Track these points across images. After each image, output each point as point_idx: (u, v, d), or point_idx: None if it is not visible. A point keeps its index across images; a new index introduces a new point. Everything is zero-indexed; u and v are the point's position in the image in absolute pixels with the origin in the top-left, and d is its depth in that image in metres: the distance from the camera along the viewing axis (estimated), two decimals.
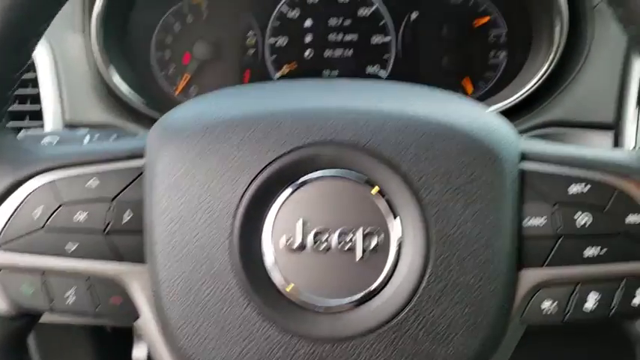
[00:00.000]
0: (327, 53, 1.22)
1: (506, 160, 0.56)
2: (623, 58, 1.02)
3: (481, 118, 0.59)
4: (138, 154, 0.60)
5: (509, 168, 0.56)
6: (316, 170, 0.55)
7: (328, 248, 0.55)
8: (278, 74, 1.22)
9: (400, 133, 0.55)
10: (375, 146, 0.55)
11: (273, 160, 0.55)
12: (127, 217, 0.59)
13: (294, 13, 1.20)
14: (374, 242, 0.55)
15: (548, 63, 1.05)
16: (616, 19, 0.55)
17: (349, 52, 1.22)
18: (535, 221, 0.56)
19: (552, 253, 0.56)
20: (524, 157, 0.58)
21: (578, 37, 1.04)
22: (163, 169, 0.56)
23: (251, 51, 1.21)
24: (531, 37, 1.14)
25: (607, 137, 1.01)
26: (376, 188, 0.55)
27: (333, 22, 1.20)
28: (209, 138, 0.56)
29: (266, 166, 0.55)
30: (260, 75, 1.21)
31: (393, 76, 1.21)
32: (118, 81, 1.08)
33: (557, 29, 1.03)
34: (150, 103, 1.10)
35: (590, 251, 0.56)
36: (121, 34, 1.15)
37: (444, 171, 0.54)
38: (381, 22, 1.20)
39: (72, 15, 1.08)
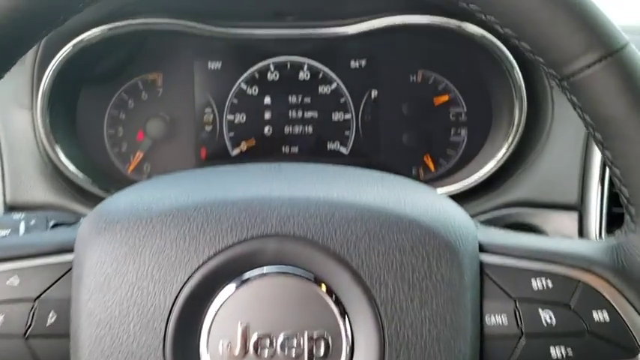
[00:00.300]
0: (287, 130, 1.19)
1: (465, 253, 0.52)
2: (585, 136, 1.00)
3: (436, 206, 0.55)
4: (67, 248, 0.55)
5: (468, 261, 0.52)
6: (259, 267, 0.50)
7: (272, 355, 0.49)
8: (236, 151, 1.19)
9: (350, 225, 0.51)
10: (322, 240, 0.50)
11: (211, 257, 0.50)
12: (50, 319, 0.53)
13: (253, 90, 1.18)
14: (323, 347, 0.49)
15: (508, 143, 1.03)
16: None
17: (309, 129, 1.19)
18: (497, 319, 0.52)
19: (516, 353, 0.52)
20: (482, 248, 0.54)
21: (538, 116, 1.03)
22: (93, 266, 0.51)
23: (208, 128, 1.18)
24: (490, 114, 1.13)
25: (571, 218, 0.98)
26: (324, 286, 0.50)
27: (292, 99, 1.18)
28: (143, 231, 0.51)
29: (203, 263, 0.50)
30: (217, 152, 1.18)
31: (354, 153, 1.18)
32: (64, 159, 1.02)
33: (516, 110, 1.02)
34: (98, 182, 1.05)
35: (556, 351, 0.51)
36: (70, 111, 1.11)
37: (398, 266, 0.50)
38: (342, 100, 1.18)
39: (19, 90, 1.04)
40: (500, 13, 0.50)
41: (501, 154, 1.04)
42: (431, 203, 0.55)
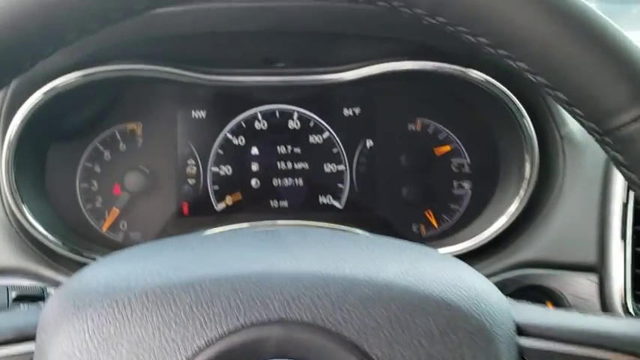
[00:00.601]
0: (276, 182, 1.10)
1: (501, 338, 0.44)
2: (601, 188, 0.92)
3: (465, 281, 0.46)
4: (28, 336, 0.45)
5: (506, 348, 0.44)
6: None
7: None
8: (221, 206, 1.09)
9: (367, 308, 0.42)
10: (335, 326, 0.41)
11: (202, 349, 0.40)
12: None
13: (239, 140, 1.09)
14: None
15: (519, 197, 0.95)
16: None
17: (300, 182, 1.10)
18: None
19: None
20: (520, 330, 0.46)
21: (549, 168, 0.95)
22: (57, 357, 0.41)
23: (191, 181, 1.09)
24: (497, 166, 1.05)
25: (591, 280, 0.89)
26: None
27: (282, 149, 1.10)
28: (119, 317, 0.41)
29: (192, 357, 0.40)
30: (200, 207, 1.08)
31: (349, 208, 1.10)
32: (31, 219, 0.92)
33: (527, 162, 0.94)
34: (69, 244, 0.95)
35: None
36: (39, 164, 1.02)
37: (426, 356, 0.41)
38: (334, 150, 1.10)
39: None
40: (533, 59, 0.42)
41: (512, 209, 0.95)
42: (459, 278, 0.46)
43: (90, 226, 1.06)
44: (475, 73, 0.94)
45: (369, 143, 1.10)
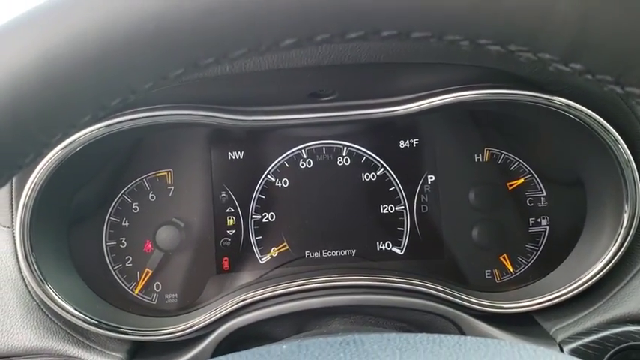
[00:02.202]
0: (325, 228, 0.97)
1: None
2: None
3: None
4: None
5: None
6: None
7: None
8: (265, 258, 0.97)
9: None
10: None
11: None
12: None
13: (282, 183, 0.96)
14: None
15: (618, 241, 0.81)
16: None
17: (352, 227, 0.97)
18: None
19: None
20: None
21: None
22: None
23: (230, 232, 0.96)
24: (582, 200, 0.91)
25: None
26: None
27: (330, 191, 0.97)
28: None
29: None
30: (242, 262, 0.96)
31: (410, 254, 0.96)
32: (57, 298, 0.80)
33: (626, 201, 0.80)
34: (102, 322, 0.83)
35: None
36: (60, 225, 0.89)
37: None
38: (391, 189, 0.96)
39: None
40: None
41: (609, 255, 0.81)
42: None
43: (120, 289, 0.94)
44: (558, 100, 0.80)
45: (431, 179, 0.96)
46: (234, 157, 0.96)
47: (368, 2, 0.32)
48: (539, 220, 0.96)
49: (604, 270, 0.82)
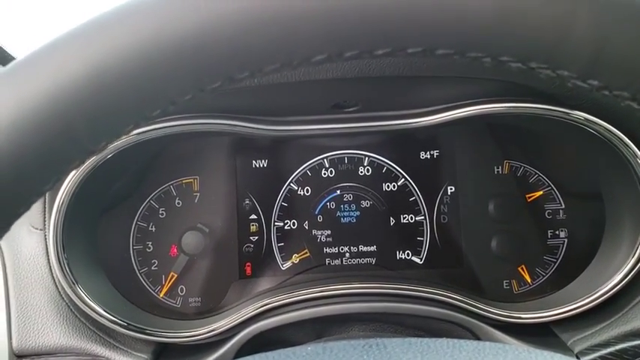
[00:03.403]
0: (346, 236, 0.99)
1: None
2: None
3: None
4: None
5: None
6: None
7: None
8: (287, 264, 0.99)
9: None
10: None
11: None
12: None
13: (304, 191, 0.99)
14: None
15: (634, 259, 0.82)
16: None
17: (373, 235, 0.99)
18: None
19: None
20: None
21: None
22: None
23: (253, 238, 0.98)
24: (600, 213, 0.92)
25: None
26: None
27: (351, 199, 0.99)
28: None
29: None
30: (264, 267, 0.98)
31: (430, 263, 0.98)
32: (82, 294, 0.83)
33: None
34: (129, 323, 0.85)
35: None
36: (90, 228, 0.92)
37: None
38: (411, 199, 0.98)
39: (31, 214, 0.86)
40: None
41: (628, 266, 0.82)
42: None
43: (146, 292, 0.97)
44: (578, 114, 0.81)
45: (451, 189, 0.98)
46: (258, 165, 0.99)
47: (395, 21, 0.34)
48: (557, 232, 0.97)
49: (622, 282, 0.83)
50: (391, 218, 0.99)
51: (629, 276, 0.82)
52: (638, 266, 0.82)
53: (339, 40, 0.34)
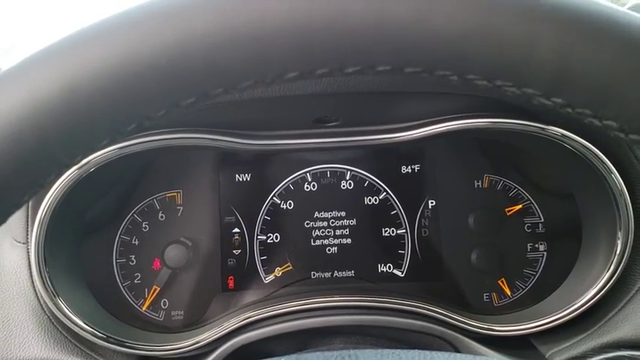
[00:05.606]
0: (329, 250, 1.00)
1: None
2: None
3: None
4: None
5: None
6: None
7: None
8: (269, 278, 0.99)
9: None
10: None
11: None
12: None
13: (287, 205, 1.00)
14: None
15: (611, 267, 0.83)
16: None
17: (355, 249, 1.00)
18: None
19: None
20: None
21: None
22: None
23: (236, 252, 0.99)
24: (578, 226, 0.94)
25: None
26: None
27: (333, 213, 1.00)
28: None
29: None
30: (247, 281, 0.99)
31: (411, 277, 0.99)
32: (64, 308, 0.83)
33: (619, 227, 0.82)
34: (110, 336, 0.85)
35: None
36: (72, 242, 0.93)
37: None
38: (392, 212, 0.99)
39: (10, 222, 0.86)
40: None
41: (603, 281, 0.84)
42: None
43: (128, 305, 0.97)
44: (554, 130, 0.83)
45: (432, 203, 0.99)
46: (241, 179, 0.99)
47: (364, 40, 0.35)
48: (536, 245, 0.98)
49: (598, 295, 0.84)
50: (373, 232, 1.00)
51: (605, 289, 0.84)
52: (613, 279, 0.84)
53: (309, 59, 0.35)
